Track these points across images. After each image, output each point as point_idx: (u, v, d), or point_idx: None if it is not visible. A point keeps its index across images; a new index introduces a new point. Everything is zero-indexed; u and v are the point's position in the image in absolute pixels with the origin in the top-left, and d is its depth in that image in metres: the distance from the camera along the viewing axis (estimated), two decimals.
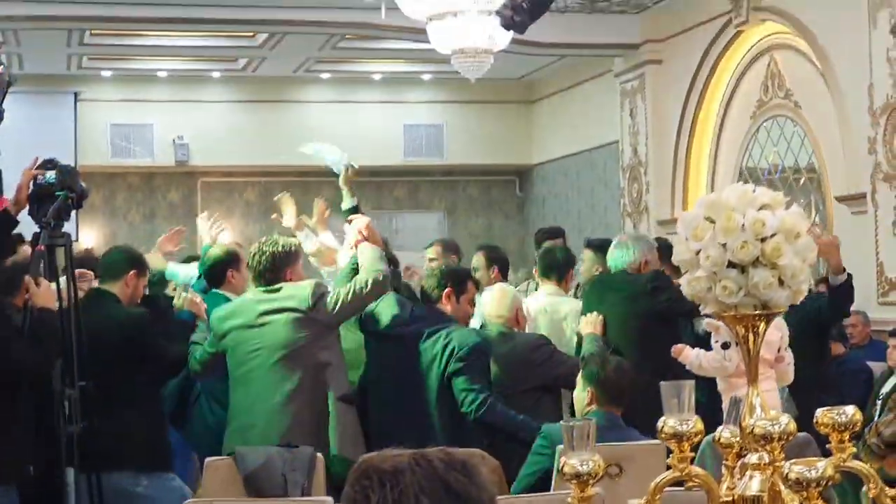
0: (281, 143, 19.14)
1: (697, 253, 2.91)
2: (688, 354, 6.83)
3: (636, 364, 6.25)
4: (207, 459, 6.00)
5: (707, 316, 6.56)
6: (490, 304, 7.50)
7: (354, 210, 7.85)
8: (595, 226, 17.92)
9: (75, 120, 18.47)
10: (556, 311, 8.36)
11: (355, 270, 6.84)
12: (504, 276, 9.06)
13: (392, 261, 7.73)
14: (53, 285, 5.61)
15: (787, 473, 2.67)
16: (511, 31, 8.83)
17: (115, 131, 18.94)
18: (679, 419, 2.87)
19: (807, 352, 7.23)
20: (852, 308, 8.40)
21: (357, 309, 6.78)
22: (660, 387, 2.98)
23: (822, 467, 2.65)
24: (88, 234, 18.55)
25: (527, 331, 7.70)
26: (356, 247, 6.93)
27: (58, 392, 5.46)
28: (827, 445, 2.91)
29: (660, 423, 2.90)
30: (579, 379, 6.10)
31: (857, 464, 2.87)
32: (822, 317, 7.77)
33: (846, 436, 2.86)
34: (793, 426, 2.82)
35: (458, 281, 7.18)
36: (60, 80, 18.41)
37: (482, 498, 2.20)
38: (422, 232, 16.86)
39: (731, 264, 2.87)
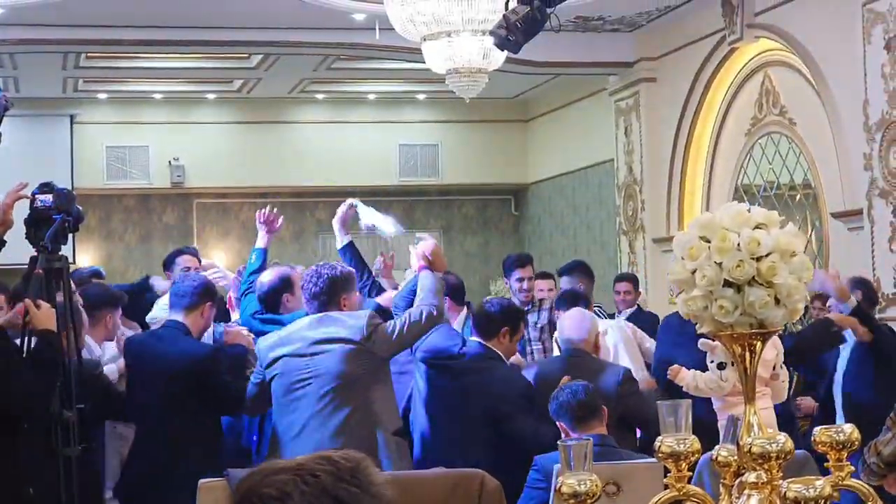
0: (276, 164, 19.20)
1: (693, 272, 2.91)
2: (684, 375, 6.83)
3: None
4: (201, 481, 5.97)
5: (703, 336, 6.59)
6: (569, 328, 7.36)
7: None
8: (590, 244, 17.95)
9: (71, 142, 18.48)
10: None
11: (414, 292, 6.79)
12: None
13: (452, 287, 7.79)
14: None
15: (784, 492, 2.67)
16: (505, 51, 8.83)
17: (111, 153, 18.96)
18: (676, 438, 2.87)
19: None
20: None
21: (410, 342, 6.74)
22: None
23: (820, 486, 2.65)
24: (85, 256, 18.55)
25: None
26: (419, 271, 6.87)
27: (56, 414, 5.46)
28: (825, 464, 2.92)
29: (657, 443, 2.90)
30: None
31: (855, 482, 2.88)
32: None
33: (844, 454, 2.87)
34: (790, 445, 2.82)
35: (516, 321, 7.17)
36: (56, 103, 18.43)
37: None
38: None
39: (727, 283, 2.88)
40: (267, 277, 7.55)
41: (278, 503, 2.01)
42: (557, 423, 6.02)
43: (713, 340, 6.51)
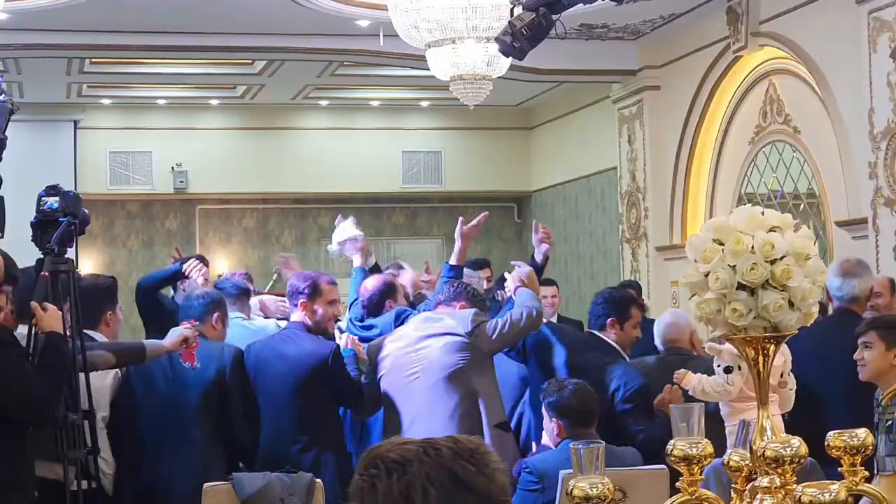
0: (279, 171, 19.21)
1: (706, 275, 2.90)
2: (690, 380, 6.82)
3: None
4: (206, 485, 5.97)
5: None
6: (665, 329, 7.53)
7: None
8: (593, 252, 17.95)
9: (75, 147, 18.49)
10: None
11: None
12: None
13: None
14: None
15: (799, 497, 2.66)
16: (510, 58, 8.83)
17: (114, 159, 18.96)
18: (689, 442, 2.86)
19: None
20: None
21: (513, 340, 6.96)
22: None
23: (835, 490, 2.64)
24: (87, 261, 18.55)
25: None
26: (515, 292, 7.14)
27: (61, 418, 5.44)
28: (839, 469, 2.90)
29: (669, 447, 2.88)
30: (544, 411, 6.14)
31: (869, 487, 2.86)
32: None
33: (858, 459, 2.86)
34: (804, 449, 2.81)
35: (622, 309, 7.32)
36: (60, 108, 18.43)
37: (490, 489, 2.17)
38: (420, 258, 16.82)
39: (740, 286, 2.87)
40: (371, 284, 7.73)
41: (398, 467, 2.15)
42: (554, 420, 6.06)
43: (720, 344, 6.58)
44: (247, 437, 6.70)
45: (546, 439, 6.33)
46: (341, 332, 7.28)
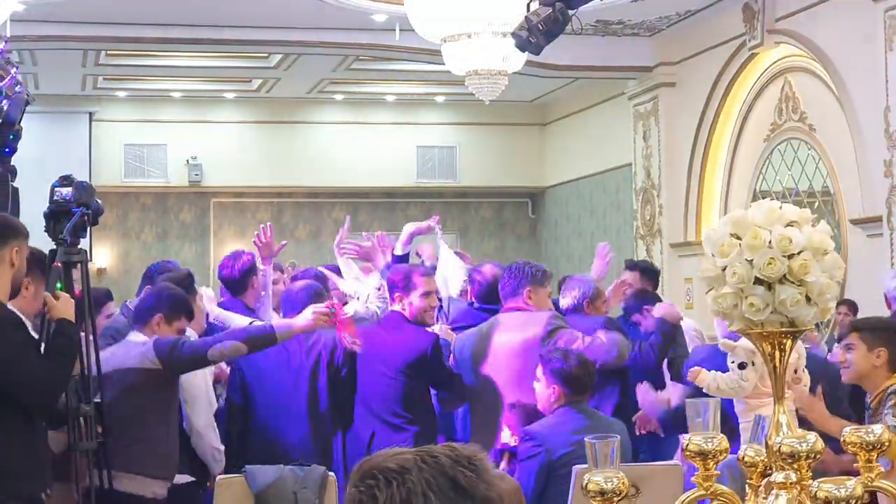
0: (294, 164, 19.23)
1: (724, 269, 2.89)
2: (704, 377, 6.79)
3: None
4: (219, 477, 5.98)
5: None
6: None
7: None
8: None
9: (90, 140, 18.54)
10: None
11: None
12: None
13: None
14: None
15: (815, 492, 2.64)
16: (526, 53, 8.81)
17: (129, 151, 19.01)
18: (704, 437, 2.85)
19: None
20: None
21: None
22: None
23: (851, 486, 2.62)
24: (102, 254, 18.58)
25: None
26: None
27: (73, 408, 5.44)
28: (854, 465, 2.89)
29: (685, 441, 2.87)
30: (540, 374, 6.20)
31: (885, 484, 2.85)
32: None
33: (874, 455, 2.84)
34: (820, 445, 2.79)
35: None
36: (75, 100, 18.46)
37: (490, 495, 2.17)
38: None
39: (757, 281, 2.85)
40: (490, 273, 7.74)
41: (397, 475, 2.13)
42: (553, 386, 6.18)
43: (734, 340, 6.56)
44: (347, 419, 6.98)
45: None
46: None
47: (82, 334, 5.50)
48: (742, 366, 6.46)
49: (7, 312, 5.12)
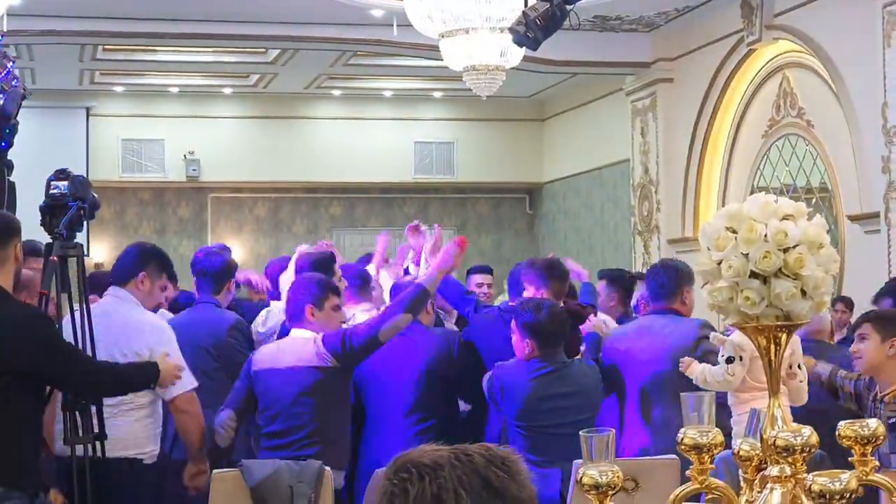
0: (291, 160, 19.22)
1: (719, 263, 2.88)
2: (694, 369, 6.82)
3: None
4: (215, 472, 5.97)
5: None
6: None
7: None
8: (605, 244, 17.93)
9: (87, 135, 18.52)
10: None
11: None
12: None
13: None
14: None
15: (810, 486, 2.64)
16: (523, 48, 8.81)
17: (127, 146, 18.98)
18: (699, 430, 2.85)
19: None
20: None
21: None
22: None
23: (845, 479, 2.62)
24: (99, 249, 18.58)
25: None
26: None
27: (70, 402, 5.45)
28: (849, 459, 2.89)
29: (679, 435, 2.87)
30: (515, 327, 6.22)
31: (880, 478, 2.84)
32: None
33: (869, 449, 2.84)
34: (815, 438, 2.79)
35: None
36: (72, 95, 18.46)
37: (521, 496, 2.19)
38: None
39: (753, 275, 2.85)
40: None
41: (430, 471, 2.15)
42: (526, 340, 6.27)
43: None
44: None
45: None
46: None
47: (77, 330, 5.52)
48: (730, 360, 6.53)
49: (35, 310, 5.21)
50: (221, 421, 6.26)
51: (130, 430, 5.89)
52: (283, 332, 6.74)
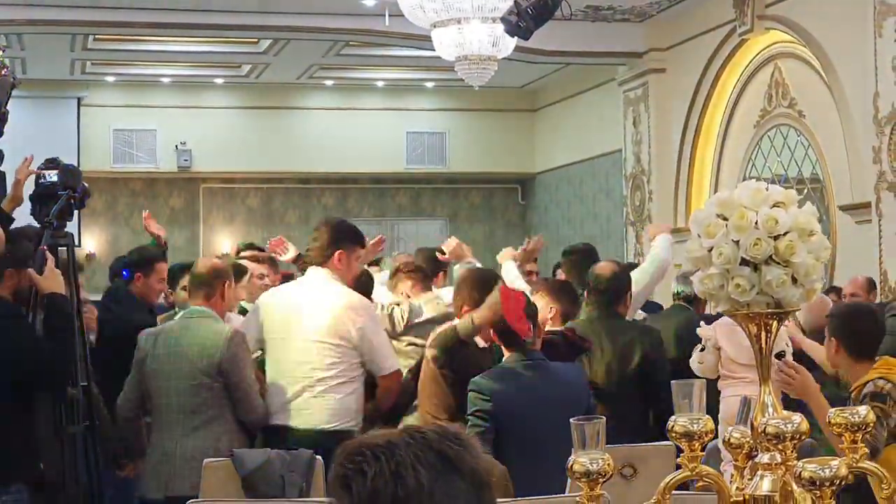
0: (283, 150, 19.20)
1: (710, 250, 2.88)
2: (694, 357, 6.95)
3: None
4: (206, 461, 5.95)
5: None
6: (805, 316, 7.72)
7: None
8: (597, 234, 17.92)
9: (78, 125, 18.49)
10: None
11: None
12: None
13: None
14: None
15: (800, 472, 2.64)
16: (515, 38, 8.81)
17: (118, 136, 18.96)
18: (690, 418, 2.84)
19: None
20: None
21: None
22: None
23: (835, 466, 2.62)
24: (90, 239, 18.55)
25: None
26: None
27: (59, 392, 5.44)
28: (840, 446, 2.88)
29: (670, 423, 2.87)
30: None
31: (869, 464, 2.84)
32: None
33: (859, 436, 2.84)
34: (805, 426, 2.79)
35: None
36: (64, 85, 18.42)
37: (477, 466, 2.17)
38: (423, 239, 16.82)
39: (743, 262, 2.84)
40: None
41: (385, 451, 2.14)
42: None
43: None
44: None
45: None
46: None
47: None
48: (703, 347, 6.74)
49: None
50: None
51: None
52: None
